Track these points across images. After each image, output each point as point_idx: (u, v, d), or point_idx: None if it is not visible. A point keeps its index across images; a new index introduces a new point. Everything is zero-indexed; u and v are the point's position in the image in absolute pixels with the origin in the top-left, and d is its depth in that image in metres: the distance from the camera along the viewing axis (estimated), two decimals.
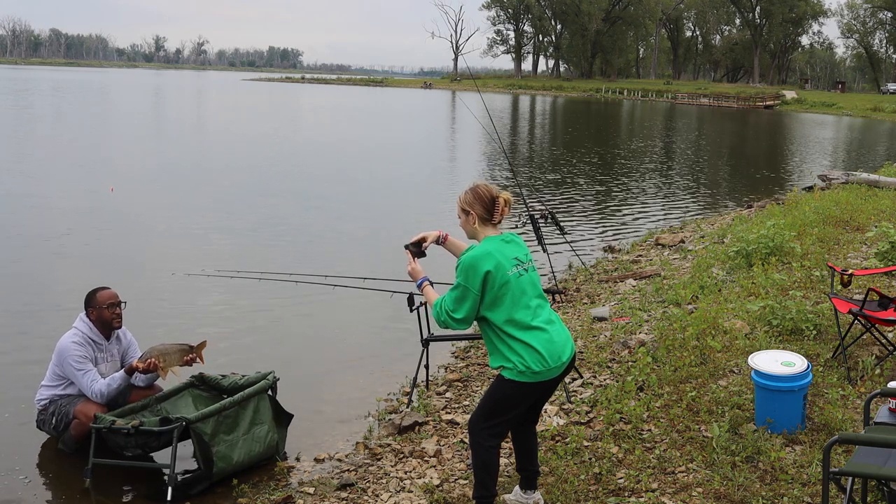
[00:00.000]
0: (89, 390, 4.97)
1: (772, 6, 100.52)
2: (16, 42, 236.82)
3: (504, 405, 3.78)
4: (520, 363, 3.66)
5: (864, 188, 14.59)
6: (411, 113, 54.02)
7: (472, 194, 3.81)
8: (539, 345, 3.67)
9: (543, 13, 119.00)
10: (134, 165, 20.12)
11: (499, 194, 3.82)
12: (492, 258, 3.67)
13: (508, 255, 3.74)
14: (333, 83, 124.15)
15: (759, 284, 7.60)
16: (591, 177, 20.94)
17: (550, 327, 3.75)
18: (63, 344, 5.02)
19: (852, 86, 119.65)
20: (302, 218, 13.63)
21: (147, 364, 4.94)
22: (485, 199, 3.79)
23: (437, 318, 3.77)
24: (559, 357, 3.73)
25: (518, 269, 3.75)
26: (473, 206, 3.80)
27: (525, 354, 3.66)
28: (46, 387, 5.13)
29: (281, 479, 4.84)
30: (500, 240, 3.79)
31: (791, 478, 4.14)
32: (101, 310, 5.08)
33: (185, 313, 8.08)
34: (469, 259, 3.68)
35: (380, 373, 6.66)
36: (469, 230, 3.86)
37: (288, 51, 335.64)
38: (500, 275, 3.66)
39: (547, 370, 3.69)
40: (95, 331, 5.11)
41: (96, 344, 5.11)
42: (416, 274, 4.02)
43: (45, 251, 10.58)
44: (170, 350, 5.05)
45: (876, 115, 65.46)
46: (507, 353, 3.70)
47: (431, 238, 4.15)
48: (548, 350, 3.69)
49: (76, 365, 4.96)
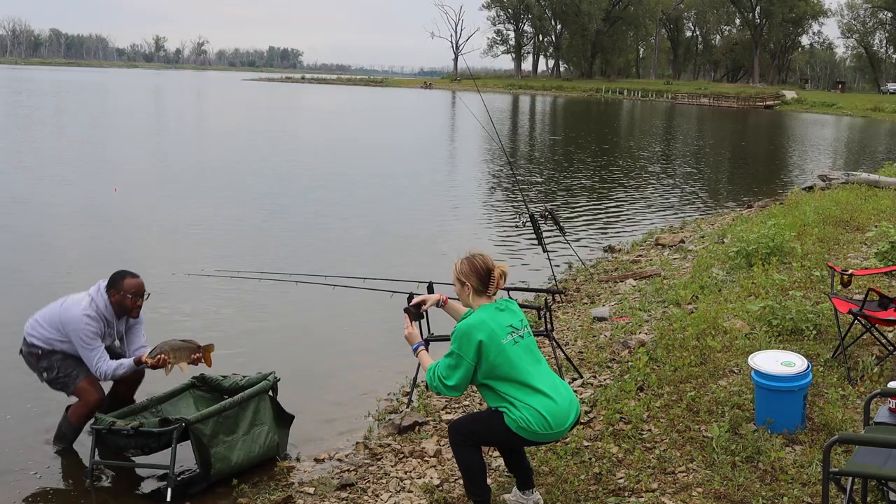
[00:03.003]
0: (94, 367, 4.92)
1: (772, 6, 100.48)
2: (16, 42, 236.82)
3: (491, 437, 3.82)
4: (522, 421, 3.65)
5: (865, 188, 14.58)
6: (411, 113, 54.02)
7: (469, 265, 3.80)
8: (545, 410, 3.66)
9: (543, 13, 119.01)
10: (137, 165, 20.13)
11: (494, 266, 3.81)
12: (485, 327, 3.67)
13: (503, 322, 3.74)
14: (333, 83, 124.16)
15: (759, 284, 7.60)
16: (591, 176, 20.93)
17: (555, 393, 3.73)
18: (75, 315, 4.89)
19: (852, 86, 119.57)
20: (302, 218, 13.63)
21: (157, 360, 4.88)
22: (480, 271, 3.79)
23: (430, 383, 3.78)
24: (563, 423, 3.72)
25: (514, 336, 3.74)
26: (469, 277, 3.80)
27: (530, 417, 3.65)
28: (46, 329, 5.01)
29: (281, 479, 4.84)
30: (495, 308, 3.79)
31: (791, 478, 4.14)
32: (124, 296, 4.98)
33: (185, 313, 8.07)
34: (463, 327, 3.70)
35: (380, 373, 6.66)
36: (463, 299, 3.87)
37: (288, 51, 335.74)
38: (493, 344, 3.66)
39: (549, 434, 3.70)
40: (111, 310, 5.01)
41: (107, 321, 5.03)
42: (412, 338, 4.05)
43: (46, 251, 10.58)
44: (180, 347, 5.01)
45: (876, 115, 65.46)
46: (511, 409, 3.68)
47: (431, 301, 4.22)
48: (553, 416, 3.68)
49: (87, 340, 4.88)
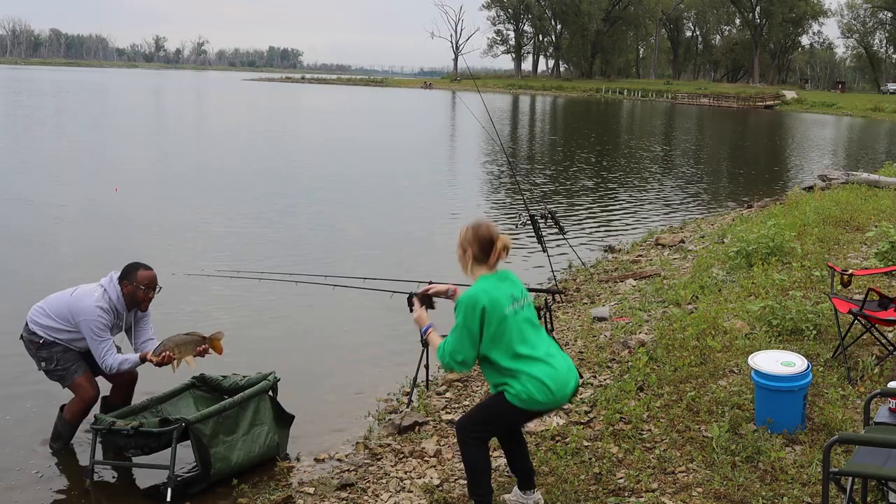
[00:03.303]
0: (101, 360, 4.92)
1: (772, 6, 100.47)
2: (16, 42, 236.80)
3: (498, 420, 3.83)
4: (524, 392, 3.66)
5: (865, 188, 14.58)
6: (411, 113, 54.01)
7: (473, 233, 3.78)
8: (544, 376, 3.68)
9: (543, 13, 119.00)
10: (137, 165, 20.13)
11: (498, 237, 3.79)
12: (488, 295, 3.67)
13: (505, 292, 3.73)
14: (333, 83, 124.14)
15: (759, 284, 7.60)
16: (591, 176, 20.93)
17: (553, 360, 3.75)
18: (87, 306, 4.90)
19: (852, 86, 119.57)
20: (302, 218, 13.63)
21: (161, 357, 4.88)
22: (483, 240, 3.77)
23: (441, 361, 3.77)
24: (564, 388, 3.74)
25: (515, 307, 3.75)
26: (472, 244, 3.78)
27: (530, 386, 3.66)
28: (52, 319, 5.01)
29: (281, 479, 4.84)
30: (495, 278, 3.78)
31: (791, 478, 4.14)
32: (136, 288, 4.99)
33: (185, 313, 8.06)
34: (466, 298, 3.69)
35: (380, 373, 6.66)
36: (463, 267, 3.86)
37: (288, 51, 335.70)
38: (496, 312, 3.66)
39: (552, 400, 3.72)
40: (122, 302, 5.03)
41: (117, 313, 5.04)
42: (421, 321, 4.06)
43: (46, 251, 10.58)
44: (184, 341, 5.00)
45: (876, 114, 65.46)
46: (511, 381, 3.70)
47: (440, 290, 4.24)
48: (554, 382, 3.70)
49: (97, 332, 4.89)
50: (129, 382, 5.30)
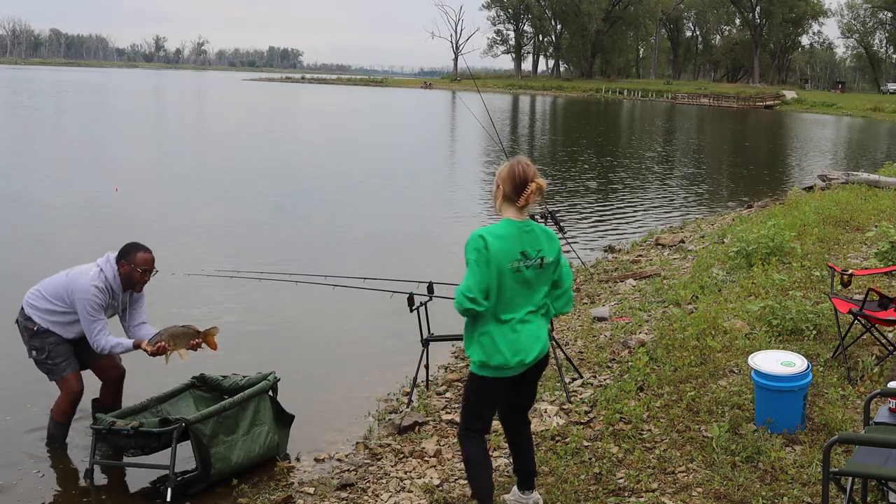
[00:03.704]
0: (93, 339, 4.94)
1: (772, 6, 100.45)
2: (16, 42, 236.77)
3: (474, 401, 3.78)
4: (479, 357, 3.62)
5: (865, 188, 14.57)
6: (411, 113, 54.00)
7: (508, 170, 3.64)
8: (501, 340, 3.60)
9: (543, 13, 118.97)
10: (137, 165, 20.13)
11: (533, 178, 3.62)
12: (493, 239, 3.55)
13: (514, 246, 3.59)
14: (333, 83, 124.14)
15: (759, 284, 7.60)
16: (591, 176, 20.94)
17: (521, 326, 3.63)
18: (82, 284, 4.91)
19: (852, 86, 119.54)
20: (302, 217, 13.63)
21: (156, 347, 4.89)
22: (516, 178, 3.61)
23: (458, 306, 3.61)
24: (520, 357, 3.62)
25: (520, 264, 3.60)
26: (505, 182, 3.64)
27: (487, 347, 3.61)
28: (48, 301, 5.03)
29: (281, 479, 4.84)
30: (516, 228, 3.62)
31: (791, 478, 4.14)
32: (133, 269, 4.99)
33: (185, 313, 8.06)
34: (472, 237, 3.60)
35: (380, 373, 6.66)
36: (495, 203, 3.72)
37: (288, 51, 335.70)
38: (494, 259, 3.54)
39: (506, 367, 3.62)
40: (118, 282, 5.03)
41: (113, 293, 5.04)
42: None
43: (47, 251, 10.58)
44: (179, 333, 5.01)
45: (876, 114, 65.44)
46: (473, 344, 3.66)
47: None
48: (510, 348, 3.60)
49: (91, 312, 4.91)
50: (117, 379, 5.29)
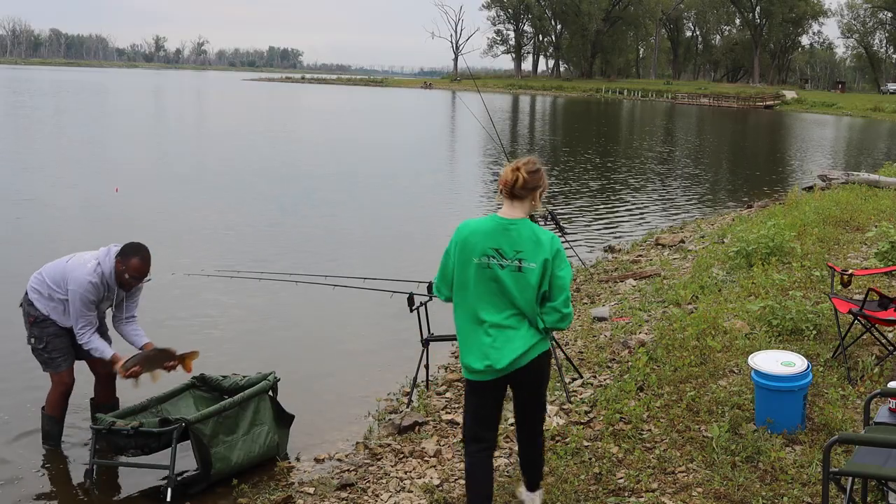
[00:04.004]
0: (77, 332, 4.97)
1: (772, 6, 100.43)
2: (16, 42, 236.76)
3: (470, 406, 3.80)
4: (461, 359, 3.68)
5: (865, 188, 14.58)
6: (411, 113, 54.00)
7: (505, 170, 3.75)
8: (473, 342, 3.60)
9: (543, 13, 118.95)
10: (137, 165, 20.13)
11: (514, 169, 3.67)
12: (469, 235, 3.62)
13: (489, 242, 3.57)
14: (333, 83, 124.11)
15: (759, 284, 7.60)
16: (591, 177, 20.94)
17: (497, 331, 3.55)
18: (79, 276, 4.94)
19: (852, 86, 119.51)
20: (302, 217, 13.63)
21: (129, 373, 4.91)
22: (505, 173, 3.69)
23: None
24: (489, 362, 3.55)
25: (491, 261, 3.56)
26: (502, 176, 3.75)
27: (461, 347, 3.67)
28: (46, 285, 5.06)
29: (281, 479, 4.85)
30: (499, 224, 3.62)
31: (791, 478, 4.14)
32: (123, 273, 4.99)
33: (185, 313, 8.07)
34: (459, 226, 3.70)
35: (380, 373, 6.66)
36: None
37: (288, 51, 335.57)
38: (463, 253, 3.60)
39: (473, 370, 3.62)
40: (114, 278, 5.04)
41: (108, 287, 5.05)
42: None
43: (47, 251, 10.52)
44: (153, 357, 5.02)
45: (876, 114, 65.44)
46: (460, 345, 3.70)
47: None
48: (479, 350, 3.58)
49: (81, 306, 4.93)
50: (109, 374, 5.28)
